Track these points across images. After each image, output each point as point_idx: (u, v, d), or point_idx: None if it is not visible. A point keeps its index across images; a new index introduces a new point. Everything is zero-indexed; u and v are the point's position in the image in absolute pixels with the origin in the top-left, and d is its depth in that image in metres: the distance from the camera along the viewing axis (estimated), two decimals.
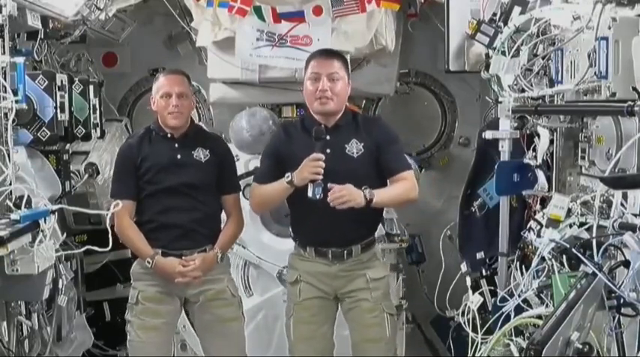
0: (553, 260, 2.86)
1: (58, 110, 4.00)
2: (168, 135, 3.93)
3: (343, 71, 3.70)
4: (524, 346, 2.58)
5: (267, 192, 3.74)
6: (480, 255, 4.01)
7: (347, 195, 3.48)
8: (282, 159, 3.73)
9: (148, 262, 3.83)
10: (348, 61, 4.04)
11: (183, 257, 3.87)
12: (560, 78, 3.29)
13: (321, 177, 3.50)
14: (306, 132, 3.70)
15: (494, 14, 3.80)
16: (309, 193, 3.51)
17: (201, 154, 3.94)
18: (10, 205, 3.46)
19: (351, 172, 3.62)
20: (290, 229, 4.00)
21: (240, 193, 4.83)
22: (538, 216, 3.25)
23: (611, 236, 2.59)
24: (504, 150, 3.58)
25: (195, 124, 4.15)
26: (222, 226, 4.05)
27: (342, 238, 3.73)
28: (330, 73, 3.64)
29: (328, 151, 3.61)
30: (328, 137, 3.65)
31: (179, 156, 3.90)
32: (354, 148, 3.68)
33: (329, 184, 3.51)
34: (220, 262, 3.98)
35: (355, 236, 3.75)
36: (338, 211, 3.50)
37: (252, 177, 4.91)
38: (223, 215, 4.09)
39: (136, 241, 3.88)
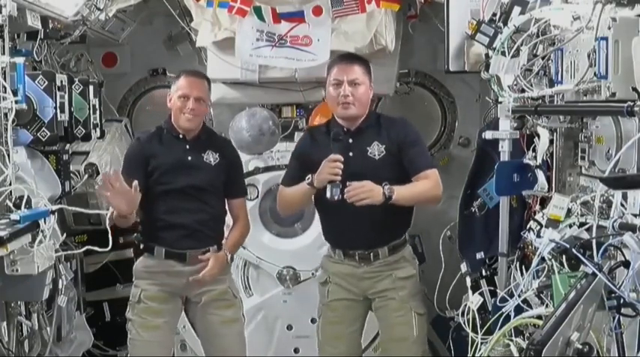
0: (553, 260, 2.85)
1: (58, 110, 3.99)
2: (180, 136, 3.93)
3: (364, 76, 3.73)
4: (524, 346, 2.58)
5: (291, 194, 3.81)
6: (479, 255, 4.00)
7: (365, 191, 3.50)
8: (306, 162, 3.77)
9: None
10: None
11: (187, 256, 3.88)
12: (560, 78, 3.29)
13: (339, 178, 3.53)
14: (330, 135, 3.76)
15: (494, 14, 3.80)
16: (327, 194, 3.55)
17: (211, 158, 3.96)
18: (10, 205, 3.47)
19: (372, 174, 3.64)
20: (322, 232, 4.04)
21: None
22: (538, 216, 3.25)
23: (611, 236, 2.59)
24: (504, 150, 3.58)
25: (206, 126, 4.16)
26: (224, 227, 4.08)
27: (368, 241, 3.76)
28: (351, 79, 3.68)
29: (351, 154, 3.67)
30: (351, 140, 3.71)
31: (189, 158, 3.91)
32: (376, 150, 3.71)
33: (347, 182, 3.55)
34: (230, 262, 4.02)
35: (381, 239, 3.77)
36: (363, 214, 3.56)
37: (253, 178, 4.98)
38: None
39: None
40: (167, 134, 3.96)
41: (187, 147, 3.93)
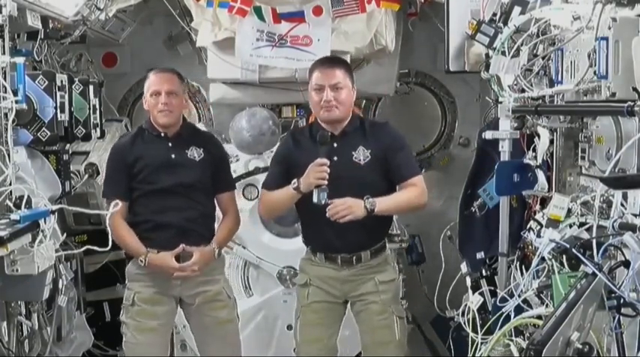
0: (553, 260, 2.86)
1: (58, 110, 3.99)
2: (162, 134, 3.92)
3: (347, 79, 3.71)
4: (524, 346, 2.58)
5: (275, 198, 3.77)
6: (479, 255, 4.01)
7: (346, 208, 3.53)
8: (290, 166, 3.77)
9: (141, 261, 3.83)
10: (349, 60, 4.03)
11: (180, 257, 3.87)
12: (560, 78, 3.29)
13: (325, 182, 3.53)
14: (314, 139, 3.74)
15: (494, 14, 3.80)
16: (314, 199, 3.54)
17: (195, 153, 3.94)
18: (10, 205, 3.46)
19: (358, 179, 3.66)
20: (301, 235, 4.02)
21: (241, 192, 4.83)
22: (538, 216, 3.25)
23: (611, 236, 2.59)
24: (504, 150, 3.58)
25: (187, 122, 4.13)
26: (216, 225, 4.07)
27: (351, 245, 3.74)
28: (332, 84, 3.66)
29: (335, 158, 3.65)
30: (335, 144, 3.69)
31: (173, 156, 3.89)
32: (361, 155, 3.69)
33: (328, 200, 3.55)
34: (217, 257, 3.99)
35: (364, 243, 3.77)
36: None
37: (253, 178, 4.98)
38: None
39: (128, 240, 3.87)
40: (149, 134, 3.95)
41: (170, 145, 3.91)
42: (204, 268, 3.90)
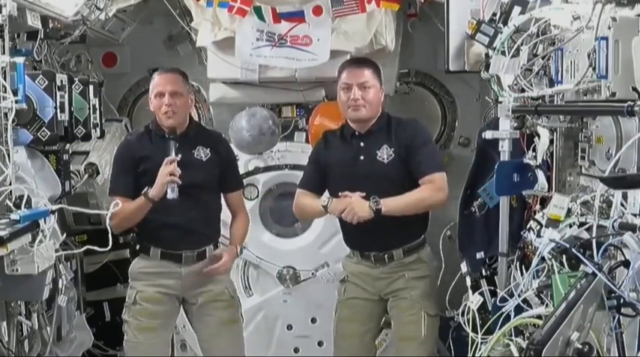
0: (553, 260, 2.85)
1: (58, 110, 3.98)
2: (167, 134, 3.91)
3: (374, 79, 3.77)
4: (524, 346, 2.57)
5: (308, 209, 3.93)
6: (479, 255, 4.01)
7: (349, 211, 3.60)
8: (322, 166, 3.88)
9: (146, 196, 3.75)
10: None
11: (183, 257, 3.87)
12: (560, 78, 3.29)
13: (175, 178, 3.69)
14: (344, 138, 3.85)
15: (494, 14, 3.80)
16: (168, 195, 3.73)
17: (201, 154, 3.94)
18: (10, 205, 3.46)
19: (383, 177, 3.71)
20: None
21: (241, 192, 4.83)
22: (538, 216, 3.25)
23: (611, 236, 2.59)
24: (504, 150, 3.58)
25: (194, 122, 4.14)
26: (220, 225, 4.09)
27: (382, 243, 3.80)
28: (360, 83, 3.72)
29: (362, 157, 3.75)
30: (362, 144, 3.76)
31: (179, 156, 3.89)
32: (385, 153, 3.74)
33: (339, 193, 3.66)
34: (240, 255, 4.15)
35: (395, 241, 3.81)
36: (375, 217, 3.59)
37: (253, 177, 4.98)
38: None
39: (130, 208, 3.79)
40: (155, 135, 3.94)
41: (176, 145, 3.90)
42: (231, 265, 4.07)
